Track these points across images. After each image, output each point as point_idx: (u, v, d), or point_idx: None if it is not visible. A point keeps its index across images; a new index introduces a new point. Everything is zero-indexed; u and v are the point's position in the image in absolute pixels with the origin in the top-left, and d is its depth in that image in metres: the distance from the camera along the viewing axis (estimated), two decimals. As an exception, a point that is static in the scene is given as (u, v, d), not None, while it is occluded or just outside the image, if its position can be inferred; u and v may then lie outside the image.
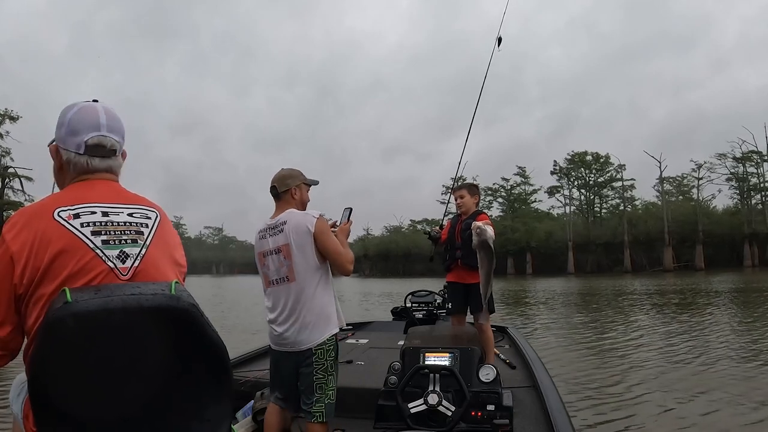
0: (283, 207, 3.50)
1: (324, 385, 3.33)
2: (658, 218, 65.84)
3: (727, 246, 63.41)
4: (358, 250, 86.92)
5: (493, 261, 4.38)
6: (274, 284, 3.44)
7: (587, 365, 9.46)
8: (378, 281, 55.07)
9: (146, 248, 1.70)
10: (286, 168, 3.61)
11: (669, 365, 9.18)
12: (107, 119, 1.80)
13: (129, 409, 1.54)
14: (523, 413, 3.96)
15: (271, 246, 3.44)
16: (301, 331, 3.31)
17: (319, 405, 3.31)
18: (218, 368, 1.66)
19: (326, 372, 3.34)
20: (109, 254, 1.63)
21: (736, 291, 26.55)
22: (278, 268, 3.41)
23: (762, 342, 11.20)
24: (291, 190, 3.51)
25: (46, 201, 1.70)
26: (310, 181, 3.65)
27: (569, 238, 68.80)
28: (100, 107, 1.82)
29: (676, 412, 6.48)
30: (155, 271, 1.69)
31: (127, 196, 1.80)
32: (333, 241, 3.37)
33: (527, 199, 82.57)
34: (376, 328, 8.29)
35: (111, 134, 1.80)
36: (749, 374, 8.24)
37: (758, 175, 67.98)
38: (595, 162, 76.75)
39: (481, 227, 4.35)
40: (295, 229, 3.33)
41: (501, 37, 6.13)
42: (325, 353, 3.33)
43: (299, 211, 3.45)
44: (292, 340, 3.34)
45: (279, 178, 3.53)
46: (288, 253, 3.35)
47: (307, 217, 3.35)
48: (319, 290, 3.36)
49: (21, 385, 1.88)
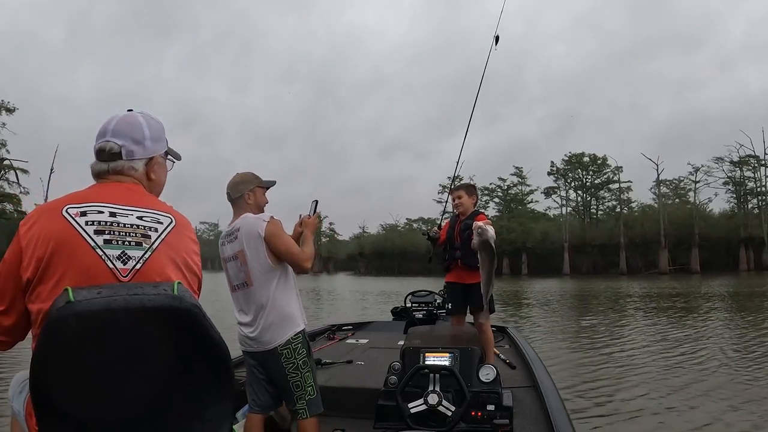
0: (238, 212, 3.54)
1: (301, 382, 3.40)
2: (655, 221, 65.84)
3: (722, 249, 63.49)
4: (354, 248, 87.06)
5: (494, 261, 4.38)
6: (236, 289, 3.51)
7: (586, 365, 9.48)
8: (373, 279, 55.03)
9: (151, 252, 1.70)
10: (240, 172, 3.64)
11: (668, 367, 9.20)
12: (116, 125, 1.88)
13: (131, 409, 1.54)
14: (523, 413, 3.95)
15: (229, 253, 3.51)
16: (265, 332, 3.38)
17: (301, 402, 3.40)
18: (220, 369, 1.66)
19: (299, 370, 3.40)
20: (110, 254, 1.64)
21: (733, 295, 26.61)
22: (237, 274, 3.48)
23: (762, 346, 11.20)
24: (245, 195, 3.53)
25: (60, 198, 1.74)
26: (266, 183, 3.67)
27: (565, 239, 68.78)
28: (118, 116, 1.91)
29: (676, 412, 6.50)
30: (158, 277, 1.68)
31: (141, 200, 1.82)
32: (285, 243, 3.41)
33: (524, 199, 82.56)
34: (376, 328, 8.28)
35: (114, 138, 1.86)
36: (747, 377, 8.26)
37: (755, 180, 68.20)
38: (593, 163, 76.84)
39: (482, 227, 4.34)
40: (247, 235, 3.39)
41: (498, 36, 6.07)
42: (293, 352, 3.39)
43: (253, 215, 3.48)
44: (257, 341, 3.41)
45: (232, 184, 3.57)
46: (244, 259, 3.41)
47: (258, 222, 3.39)
48: (278, 292, 3.41)
49: (22, 382, 1.88)
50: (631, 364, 9.54)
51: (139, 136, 1.89)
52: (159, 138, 1.97)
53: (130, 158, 1.88)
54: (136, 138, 1.88)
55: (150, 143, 1.92)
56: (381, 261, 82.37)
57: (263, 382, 3.55)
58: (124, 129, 1.88)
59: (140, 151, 1.89)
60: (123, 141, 1.86)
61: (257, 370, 3.55)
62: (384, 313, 12.37)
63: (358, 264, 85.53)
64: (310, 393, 3.43)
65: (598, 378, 8.43)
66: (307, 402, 3.40)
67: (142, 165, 1.91)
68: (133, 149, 1.88)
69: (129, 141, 1.87)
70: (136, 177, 1.89)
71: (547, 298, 26.78)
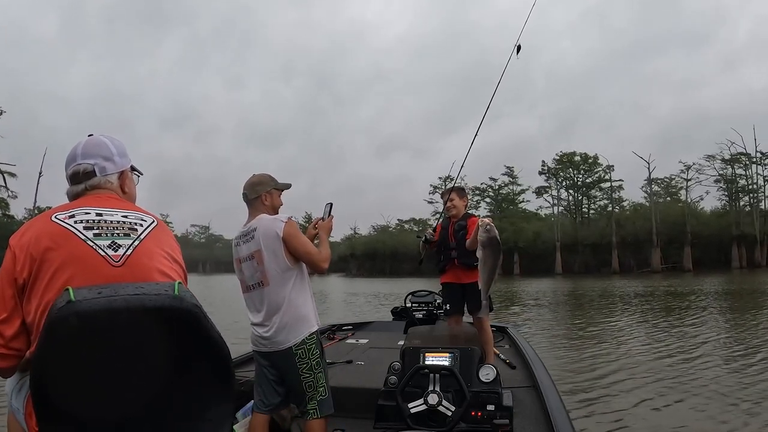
0: (254, 213, 3.57)
1: (313, 383, 3.42)
2: (647, 219, 66.19)
3: (714, 248, 63.86)
4: (345, 249, 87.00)
5: (499, 257, 4.36)
6: (251, 289, 3.53)
7: (586, 365, 9.51)
8: (365, 281, 54.98)
9: (139, 241, 1.82)
10: (257, 174, 3.68)
11: (668, 366, 9.22)
12: (83, 148, 2.02)
13: (131, 409, 1.56)
14: (523, 413, 3.95)
15: (245, 253, 3.53)
16: (279, 333, 3.39)
17: (312, 403, 3.40)
18: (220, 369, 1.69)
19: (312, 370, 3.42)
20: (100, 244, 1.75)
21: (728, 293, 26.77)
22: (253, 274, 3.49)
23: (760, 345, 11.23)
24: (261, 196, 3.57)
25: (46, 212, 1.88)
26: (282, 185, 3.70)
27: (557, 239, 68.91)
28: (83, 141, 2.06)
29: (676, 412, 6.51)
30: (149, 261, 1.80)
31: (123, 205, 1.96)
32: (303, 243, 3.44)
33: (515, 199, 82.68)
34: (376, 328, 8.30)
35: (85, 160, 2.00)
36: (746, 378, 8.25)
37: (746, 177, 68.66)
38: (584, 162, 77.02)
39: (490, 223, 4.33)
40: (264, 235, 3.41)
41: (520, 45, 5.87)
42: (307, 352, 3.40)
43: (269, 216, 3.51)
44: (272, 341, 3.42)
45: (249, 185, 3.61)
46: (260, 259, 3.43)
47: (276, 222, 3.42)
48: (293, 292, 3.43)
49: (21, 380, 1.90)
50: (630, 363, 9.54)
51: (107, 153, 2.03)
52: (124, 154, 2.10)
53: (104, 174, 2.01)
54: (105, 155, 2.03)
55: (118, 158, 2.06)
56: (372, 262, 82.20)
57: (273, 383, 3.56)
58: (92, 150, 2.02)
59: (111, 167, 2.03)
60: (94, 160, 2.00)
61: (268, 370, 3.56)
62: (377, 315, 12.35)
63: (350, 265, 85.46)
64: (322, 393, 3.44)
65: (598, 378, 8.46)
66: (318, 402, 3.41)
67: (116, 178, 2.05)
68: (105, 165, 2.02)
69: (100, 159, 2.01)
70: (112, 189, 2.02)
71: (541, 298, 26.79)
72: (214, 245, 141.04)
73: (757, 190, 66.89)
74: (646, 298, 24.64)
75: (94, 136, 2.07)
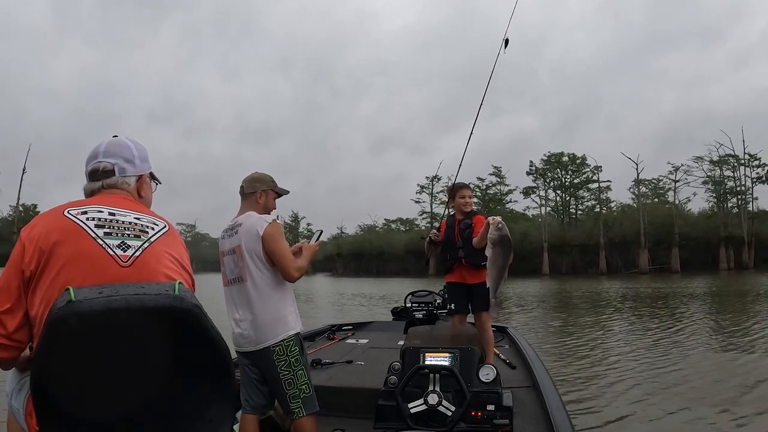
0: (245, 208, 3.61)
1: (293, 380, 3.40)
2: (635, 220, 66.44)
3: (702, 249, 64.05)
4: (332, 248, 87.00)
5: (510, 255, 4.34)
6: (231, 284, 3.55)
7: (586, 365, 9.53)
8: (351, 281, 54.93)
9: (149, 243, 1.83)
10: (260, 172, 3.73)
11: (666, 366, 9.24)
12: (106, 147, 2.07)
13: (132, 409, 1.56)
14: (523, 413, 3.97)
15: (228, 246, 3.57)
16: (255, 330, 3.41)
17: (295, 401, 3.40)
18: (221, 369, 1.70)
19: (291, 367, 3.40)
20: (110, 243, 1.75)
21: (717, 294, 26.97)
22: (233, 269, 3.52)
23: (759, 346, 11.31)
24: (257, 193, 3.62)
25: (59, 206, 1.87)
26: (280, 190, 3.75)
27: (544, 239, 68.91)
28: (107, 140, 2.10)
29: (676, 411, 6.51)
30: (156, 263, 1.80)
31: (136, 207, 1.98)
32: (281, 247, 3.44)
33: (502, 199, 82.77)
34: (376, 328, 8.33)
35: (106, 159, 2.04)
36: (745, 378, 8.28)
37: (734, 179, 69.05)
38: (572, 163, 77.33)
39: (501, 222, 4.29)
40: (247, 232, 3.45)
41: (508, 39, 5.85)
42: (285, 349, 3.40)
43: (257, 214, 3.53)
44: (247, 338, 3.44)
45: (249, 180, 3.66)
46: (240, 255, 3.46)
47: (260, 221, 3.45)
48: (272, 291, 3.44)
49: (22, 381, 1.92)
50: (630, 363, 9.59)
51: (129, 155, 2.08)
52: (146, 159, 2.15)
53: (123, 175, 2.05)
54: (126, 157, 2.07)
55: (139, 162, 2.11)
56: (359, 262, 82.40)
57: (256, 381, 3.54)
58: (114, 150, 2.07)
59: (131, 169, 2.08)
60: (115, 160, 2.05)
61: (250, 369, 3.54)
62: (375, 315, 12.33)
63: (336, 265, 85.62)
64: (305, 391, 3.42)
65: (598, 377, 8.48)
66: (302, 400, 3.39)
67: (134, 181, 2.09)
68: (125, 167, 2.06)
69: (120, 160, 2.06)
70: (128, 191, 2.06)
71: (530, 300, 26.82)
72: (200, 244, 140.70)
73: (745, 191, 67.36)
74: (639, 300, 24.76)
75: (119, 137, 2.13)
